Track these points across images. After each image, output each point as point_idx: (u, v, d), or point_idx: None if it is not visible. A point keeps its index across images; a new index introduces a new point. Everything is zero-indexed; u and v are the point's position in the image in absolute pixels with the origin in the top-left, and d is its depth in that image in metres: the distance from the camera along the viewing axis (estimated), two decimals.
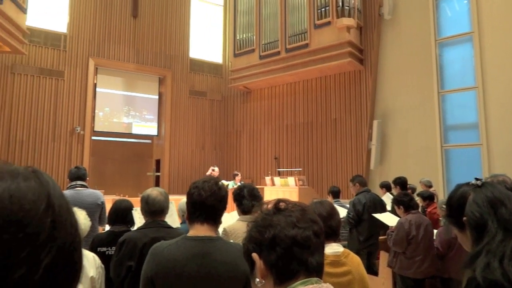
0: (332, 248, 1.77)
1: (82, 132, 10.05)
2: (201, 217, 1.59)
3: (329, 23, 9.23)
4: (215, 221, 1.61)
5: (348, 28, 9.02)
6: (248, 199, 2.59)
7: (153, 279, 1.50)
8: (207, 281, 1.50)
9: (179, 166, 11.50)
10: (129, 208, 2.78)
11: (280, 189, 8.54)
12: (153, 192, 2.22)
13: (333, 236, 1.82)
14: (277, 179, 8.88)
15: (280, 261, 0.89)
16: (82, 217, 2.16)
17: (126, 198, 3.75)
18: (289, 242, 0.89)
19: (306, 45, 9.68)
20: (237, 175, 8.30)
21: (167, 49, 11.64)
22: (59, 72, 9.95)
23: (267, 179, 9.07)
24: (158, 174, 9.50)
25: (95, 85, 10.62)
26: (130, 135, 11.47)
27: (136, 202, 2.68)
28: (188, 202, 1.64)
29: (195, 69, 12.20)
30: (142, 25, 11.25)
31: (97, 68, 10.65)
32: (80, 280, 0.49)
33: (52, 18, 10.01)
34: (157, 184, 10.65)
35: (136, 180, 11.07)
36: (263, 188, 8.33)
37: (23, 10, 8.42)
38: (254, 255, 0.91)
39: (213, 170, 8.07)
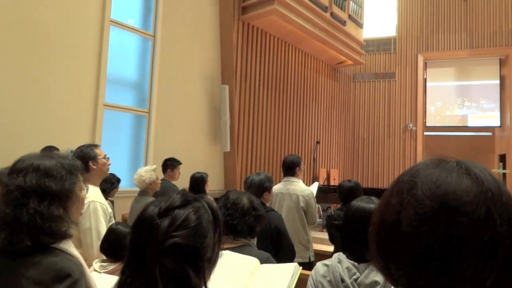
0: None
1: (414, 128, 10.29)
2: None
3: None
4: None
5: None
6: None
7: None
8: None
9: None
10: None
11: None
12: None
13: None
14: None
15: None
16: None
17: None
18: None
19: None
20: None
21: (509, 23, 9.79)
22: (391, 74, 10.68)
23: None
24: (505, 171, 8.14)
25: (425, 80, 10.59)
26: (465, 128, 10.53)
27: None
28: None
29: None
30: (475, 6, 10.08)
31: (426, 62, 10.59)
32: None
33: (382, 26, 10.92)
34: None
35: None
36: None
37: (360, 26, 9.70)
38: None
39: None
